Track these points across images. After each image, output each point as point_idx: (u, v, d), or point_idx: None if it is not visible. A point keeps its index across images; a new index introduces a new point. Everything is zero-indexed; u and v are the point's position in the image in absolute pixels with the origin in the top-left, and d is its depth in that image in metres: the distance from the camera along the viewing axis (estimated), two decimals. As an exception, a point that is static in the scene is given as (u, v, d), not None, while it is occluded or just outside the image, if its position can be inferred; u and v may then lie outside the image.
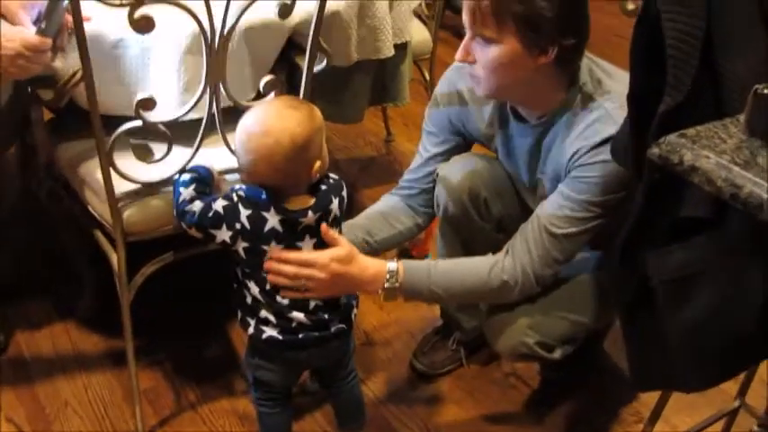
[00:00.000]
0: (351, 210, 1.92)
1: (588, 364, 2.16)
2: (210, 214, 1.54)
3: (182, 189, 1.59)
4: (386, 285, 1.66)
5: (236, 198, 1.54)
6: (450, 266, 1.73)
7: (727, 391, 2.04)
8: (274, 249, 1.55)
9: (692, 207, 1.35)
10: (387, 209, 1.90)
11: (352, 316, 1.69)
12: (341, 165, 2.98)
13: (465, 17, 1.58)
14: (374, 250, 1.84)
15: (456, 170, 1.81)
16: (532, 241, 1.67)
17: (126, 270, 1.75)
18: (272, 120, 1.52)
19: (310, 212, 1.55)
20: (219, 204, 1.54)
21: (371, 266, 1.66)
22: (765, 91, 1.07)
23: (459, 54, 1.62)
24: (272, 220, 1.53)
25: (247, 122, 1.54)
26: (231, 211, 1.53)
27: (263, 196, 1.53)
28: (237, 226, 1.53)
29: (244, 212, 1.53)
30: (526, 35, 1.53)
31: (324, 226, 1.58)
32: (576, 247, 1.69)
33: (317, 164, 1.54)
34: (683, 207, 1.35)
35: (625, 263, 1.41)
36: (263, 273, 1.57)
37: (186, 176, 1.62)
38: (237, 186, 1.56)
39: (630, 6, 1.33)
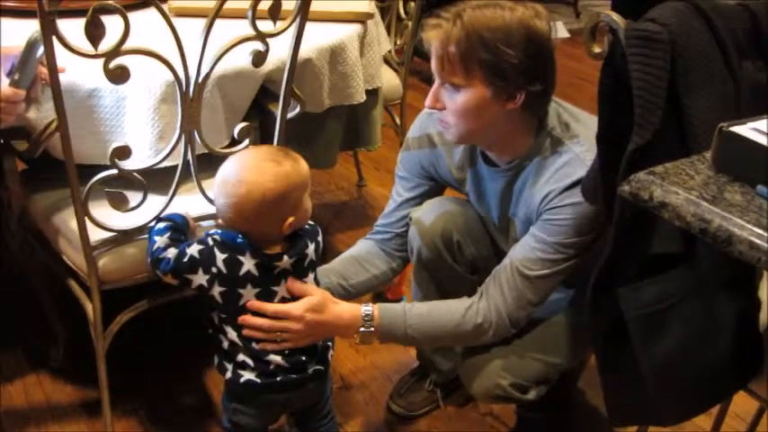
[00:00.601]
0: (325, 254, 1.93)
1: (564, 402, 2.16)
2: (185, 259, 1.54)
3: (156, 237, 1.60)
4: (361, 330, 1.67)
5: (211, 242, 1.55)
6: (425, 309, 1.74)
7: (702, 426, 2.07)
8: (251, 298, 1.56)
9: (663, 243, 1.37)
10: (361, 253, 1.91)
11: (329, 357, 1.69)
12: (314, 210, 2.96)
13: (433, 64, 1.61)
14: (350, 294, 1.85)
15: (429, 214, 1.83)
16: (506, 283, 1.68)
17: (101, 319, 1.74)
18: (248, 171, 1.52)
19: (285, 257, 1.56)
20: (195, 249, 1.55)
21: (346, 312, 1.67)
22: (730, 129, 1.11)
23: (428, 101, 1.64)
24: (248, 264, 1.54)
25: (226, 168, 1.55)
26: (207, 256, 1.54)
27: (239, 240, 1.54)
28: (214, 270, 1.53)
29: (219, 256, 1.53)
30: (493, 82, 1.56)
31: (290, 280, 1.59)
32: (550, 288, 1.71)
33: (290, 219, 1.54)
34: (655, 243, 1.38)
35: (599, 300, 1.43)
36: (239, 317, 1.57)
37: (161, 225, 1.63)
38: (213, 231, 1.57)
39: (597, 49, 1.36)
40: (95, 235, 1.67)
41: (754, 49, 1.49)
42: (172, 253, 1.56)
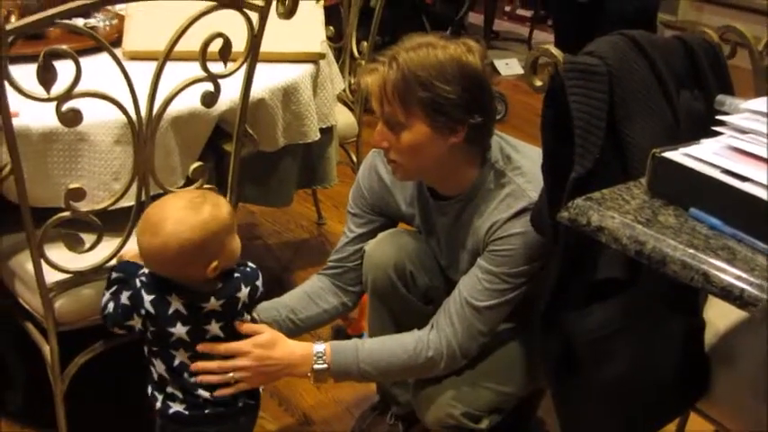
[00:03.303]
0: (284, 291, 1.95)
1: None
2: (120, 310, 1.56)
3: (105, 292, 1.62)
4: (315, 367, 1.69)
5: (138, 284, 1.56)
6: (377, 345, 1.76)
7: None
8: (181, 335, 1.57)
9: (607, 269, 1.41)
10: (313, 288, 1.94)
11: (260, 390, 1.71)
12: (273, 248, 3.01)
13: (374, 107, 1.66)
14: (299, 329, 1.87)
15: (381, 245, 1.85)
16: (455, 315, 1.71)
17: (59, 361, 1.74)
18: (164, 222, 1.51)
19: (213, 298, 1.57)
20: (125, 296, 1.56)
21: (298, 349, 1.69)
22: (662, 154, 1.15)
23: (374, 140, 1.69)
24: (176, 304, 1.55)
25: (145, 217, 1.55)
26: (135, 299, 1.55)
27: (167, 279, 1.55)
28: (142, 311, 1.55)
29: (147, 298, 1.55)
30: (434, 118, 1.60)
31: (240, 323, 1.62)
32: (499, 317, 1.74)
33: (214, 263, 1.53)
34: (599, 269, 1.42)
35: (548, 327, 1.46)
36: (170, 351, 1.58)
37: (112, 276, 1.64)
38: (140, 272, 1.58)
39: (538, 83, 1.40)
40: (51, 277, 1.68)
41: (692, 79, 1.55)
42: (110, 307, 1.58)
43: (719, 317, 1.55)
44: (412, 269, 1.84)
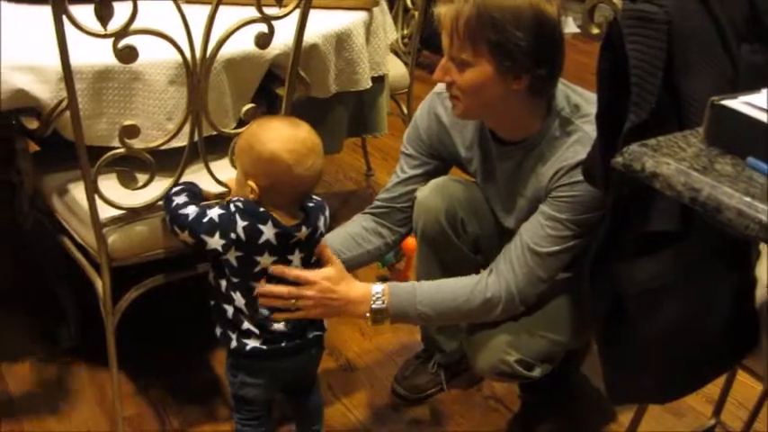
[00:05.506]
0: (330, 240, 1.96)
1: (567, 387, 2.19)
2: (205, 220, 1.57)
3: (174, 197, 1.65)
4: (373, 306, 1.70)
5: (233, 208, 1.57)
6: (435, 286, 1.77)
7: (704, 413, 2.09)
8: (267, 265, 1.59)
9: (659, 221, 1.39)
10: (356, 229, 1.94)
11: (325, 323, 1.74)
12: (322, 198, 3.01)
13: (443, 40, 1.64)
14: None
15: (433, 192, 1.85)
16: (516, 260, 1.71)
17: (111, 296, 1.77)
18: (314, 138, 1.60)
19: (304, 227, 1.60)
20: (215, 212, 1.57)
21: (358, 287, 1.71)
22: (721, 102, 1.13)
23: (436, 74, 1.67)
24: (268, 233, 1.57)
25: (293, 144, 1.57)
26: (227, 221, 1.56)
27: (261, 209, 1.57)
28: (232, 236, 1.56)
29: (240, 223, 1.56)
30: (500, 61, 1.59)
31: (323, 245, 1.65)
32: (559, 265, 1.73)
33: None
34: (651, 221, 1.40)
35: (597, 278, 1.46)
36: (251, 283, 1.60)
37: (178, 187, 1.67)
38: (235, 198, 1.60)
39: (595, 30, 1.38)
40: (105, 213, 1.71)
41: (751, 32, 1.51)
42: (192, 210, 1.60)
43: (771, 274, 1.53)
44: (463, 216, 1.84)
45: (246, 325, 1.63)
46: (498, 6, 1.56)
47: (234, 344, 1.64)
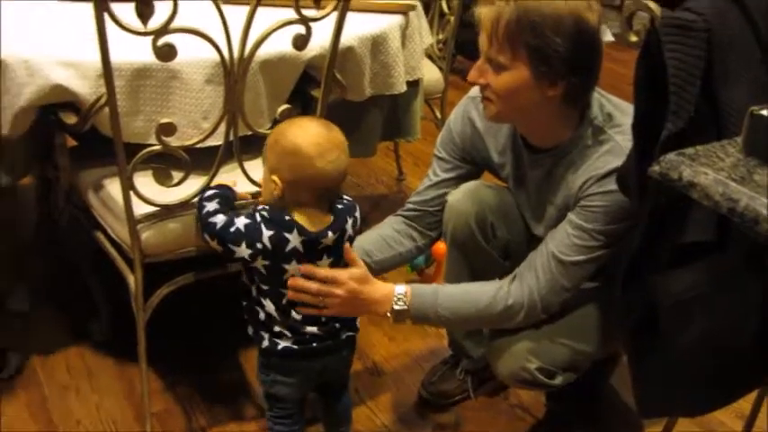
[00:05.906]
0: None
1: (594, 397, 2.17)
2: (232, 230, 1.58)
3: (206, 203, 1.65)
4: (395, 307, 1.71)
5: (259, 218, 1.58)
6: (457, 289, 1.77)
7: (734, 429, 2.06)
8: (295, 273, 1.61)
9: (695, 232, 1.38)
10: (387, 231, 1.95)
11: (357, 323, 1.75)
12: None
13: (481, 41, 1.63)
14: (372, 272, 1.86)
15: (464, 196, 1.85)
16: (540, 268, 1.70)
17: (142, 292, 1.79)
18: (340, 136, 1.60)
19: (330, 233, 1.61)
20: (242, 222, 1.58)
21: (382, 288, 1.72)
22: (760, 112, 1.12)
23: (471, 74, 1.67)
24: (294, 241, 1.58)
25: (317, 138, 1.58)
26: (252, 230, 1.57)
27: (287, 217, 1.58)
28: (259, 246, 1.57)
29: (266, 233, 1.57)
30: (537, 66, 1.58)
31: (347, 246, 1.65)
32: (584, 275, 1.72)
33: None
34: (687, 232, 1.39)
35: (630, 288, 1.44)
36: (280, 290, 1.61)
37: (210, 192, 1.68)
38: (260, 207, 1.61)
39: (633, 38, 1.38)
40: (139, 209, 1.72)
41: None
42: (220, 219, 1.61)
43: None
44: (493, 221, 1.84)
45: (278, 328, 1.64)
46: (539, 11, 1.55)
47: (266, 343, 1.66)
